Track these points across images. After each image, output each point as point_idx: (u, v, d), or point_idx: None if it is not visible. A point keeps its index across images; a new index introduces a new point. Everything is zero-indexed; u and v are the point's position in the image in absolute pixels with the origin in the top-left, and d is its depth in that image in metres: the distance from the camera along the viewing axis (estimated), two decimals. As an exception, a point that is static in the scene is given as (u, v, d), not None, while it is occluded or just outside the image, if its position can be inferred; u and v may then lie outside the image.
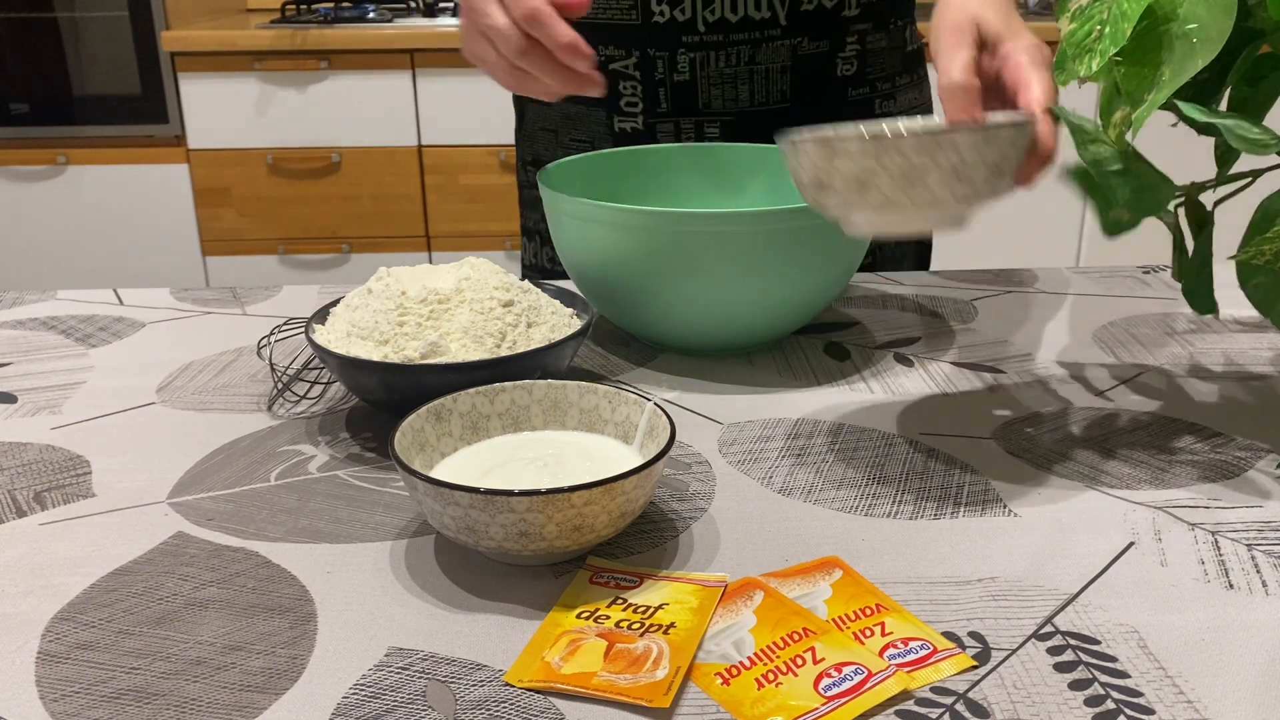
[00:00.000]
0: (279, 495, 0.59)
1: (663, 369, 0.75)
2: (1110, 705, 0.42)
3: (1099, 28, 0.56)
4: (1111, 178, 0.58)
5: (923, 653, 0.45)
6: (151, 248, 2.78)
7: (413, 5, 2.90)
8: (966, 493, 0.58)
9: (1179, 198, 0.61)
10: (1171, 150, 1.86)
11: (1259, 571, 0.51)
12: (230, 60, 2.61)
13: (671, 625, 0.46)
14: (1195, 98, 0.62)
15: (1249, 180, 0.62)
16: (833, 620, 0.47)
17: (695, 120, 0.95)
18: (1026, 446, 0.63)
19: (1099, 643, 0.46)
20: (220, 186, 2.73)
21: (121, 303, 0.90)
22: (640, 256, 0.69)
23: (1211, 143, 0.62)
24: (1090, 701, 0.42)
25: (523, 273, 1.10)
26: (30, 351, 0.79)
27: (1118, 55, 0.57)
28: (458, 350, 0.62)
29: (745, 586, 0.50)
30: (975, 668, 0.44)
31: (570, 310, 0.70)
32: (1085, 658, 0.45)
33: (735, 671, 0.44)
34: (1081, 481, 0.59)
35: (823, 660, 0.44)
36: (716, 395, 0.71)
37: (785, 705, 0.42)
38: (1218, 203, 0.66)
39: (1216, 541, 0.53)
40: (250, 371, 0.75)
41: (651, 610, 0.48)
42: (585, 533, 0.49)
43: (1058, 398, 0.70)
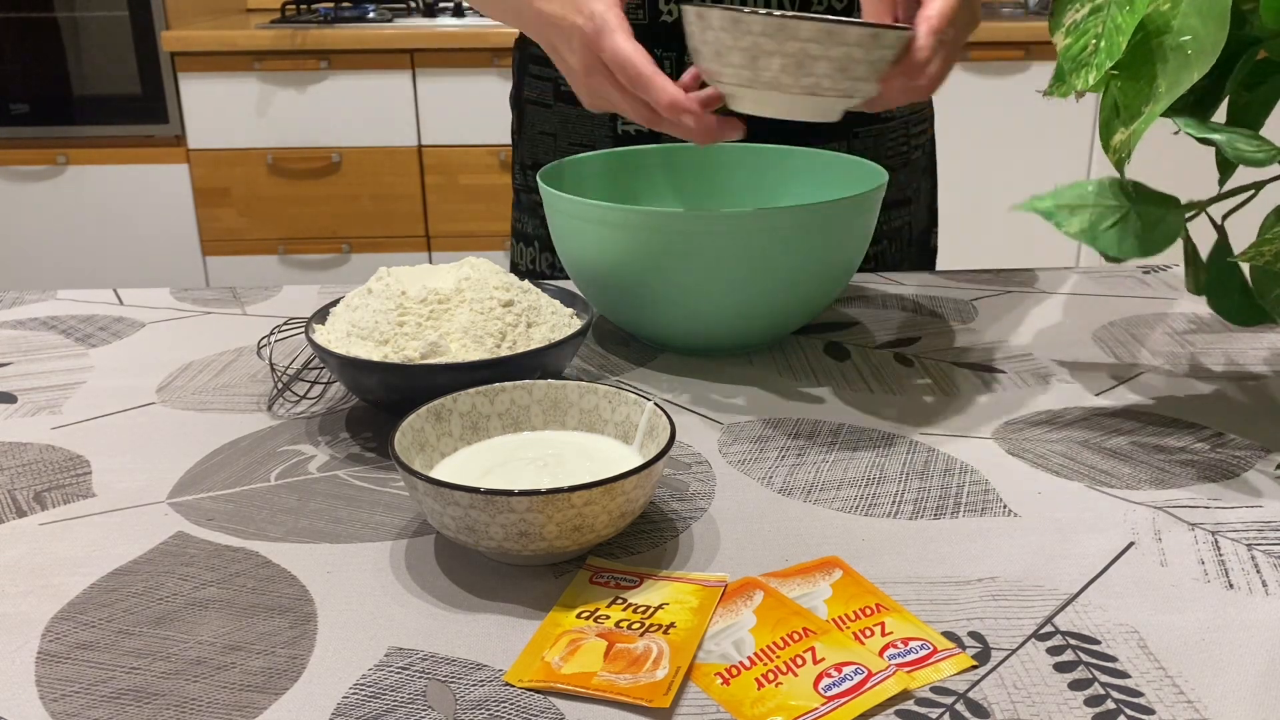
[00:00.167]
0: (279, 495, 0.59)
1: (663, 369, 0.75)
2: (1110, 705, 0.42)
3: (1094, 42, 0.57)
4: (1110, 235, 0.58)
5: (923, 653, 0.45)
6: (151, 248, 2.78)
7: (413, 5, 2.90)
8: (966, 493, 0.58)
9: (1190, 216, 0.61)
10: (1181, 155, 1.86)
11: (1259, 571, 0.51)
12: (230, 60, 2.61)
13: (671, 625, 0.46)
14: (1194, 105, 0.62)
15: (1252, 193, 0.62)
16: (833, 620, 0.47)
17: None
18: (1026, 446, 0.63)
19: (1099, 643, 0.46)
20: (220, 186, 2.73)
21: (121, 303, 0.90)
22: (640, 256, 0.69)
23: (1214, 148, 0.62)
24: (1090, 701, 0.42)
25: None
26: (30, 351, 0.79)
27: (1114, 69, 0.57)
28: (458, 350, 0.62)
29: (745, 586, 0.50)
30: (975, 668, 0.44)
31: (570, 310, 0.70)
32: (1085, 658, 0.45)
33: (735, 671, 0.44)
34: (1081, 481, 0.59)
35: (823, 660, 0.44)
36: (716, 395, 0.71)
37: (785, 705, 0.42)
38: (1225, 216, 0.66)
39: (1216, 541, 0.53)
40: (250, 371, 0.75)
41: (651, 610, 0.48)
42: (585, 533, 0.49)
43: (1058, 398, 0.70)
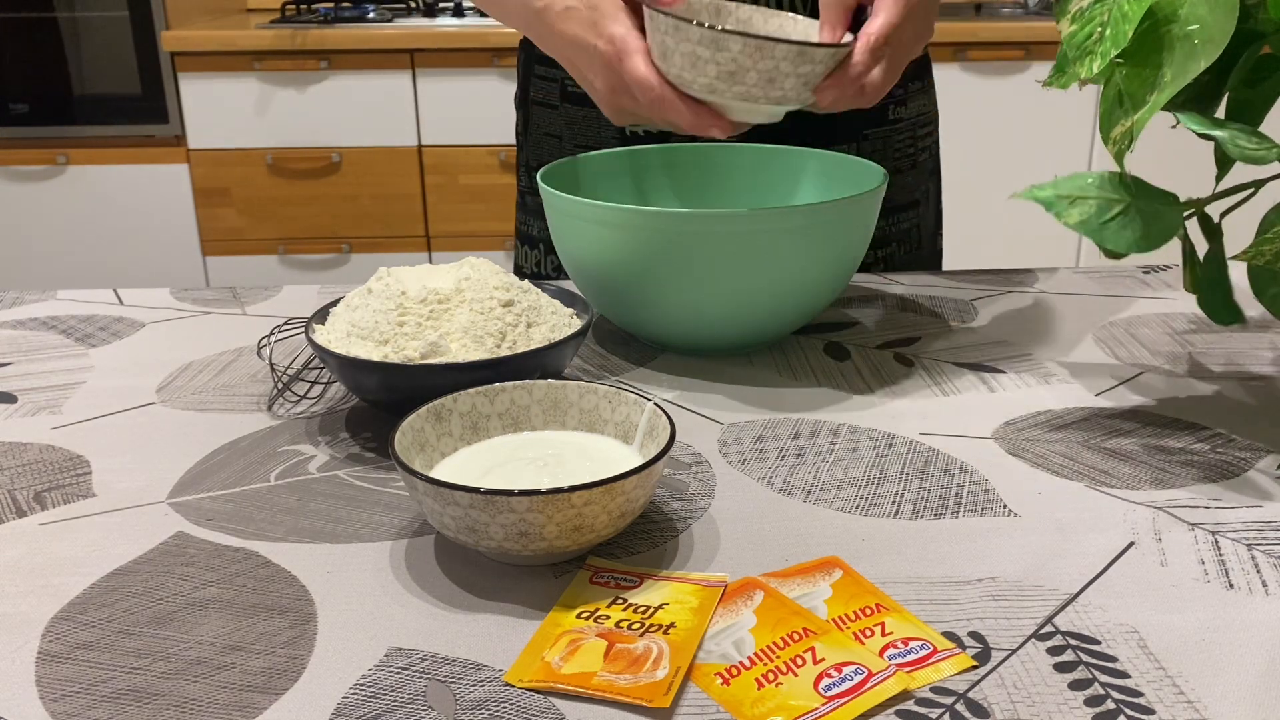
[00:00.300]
0: (279, 495, 0.59)
1: (663, 369, 0.75)
2: (1110, 705, 0.42)
3: (1100, 29, 0.56)
4: (1111, 228, 0.58)
5: (923, 653, 0.45)
6: (151, 248, 2.78)
7: (413, 5, 2.90)
8: (966, 493, 0.58)
9: (1188, 214, 0.61)
10: (1179, 150, 1.86)
11: (1259, 571, 0.51)
12: (230, 60, 2.62)
13: (671, 625, 0.46)
14: (1196, 100, 0.62)
15: (1252, 191, 0.62)
16: (833, 620, 0.47)
17: None
18: (1026, 446, 0.63)
19: (1099, 643, 0.46)
20: (220, 186, 2.73)
21: (121, 303, 0.90)
22: (640, 256, 0.69)
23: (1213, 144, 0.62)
24: (1090, 701, 0.42)
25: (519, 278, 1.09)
26: (30, 351, 0.79)
27: (1119, 57, 0.57)
28: (458, 350, 0.62)
29: (745, 586, 0.50)
30: (975, 668, 0.44)
31: (570, 310, 0.70)
32: (1085, 658, 0.45)
33: (735, 671, 0.44)
34: (1081, 481, 0.59)
35: (823, 660, 0.44)
36: (716, 395, 0.71)
37: (785, 705, 0.42)
38: (1224, 213, 0.66)
39: (1216, 541, 0.53)
40: (250, 371, 0.75)
41: (651, 610, 0.48)
42: (585, 533, 0.49)
43: (1058, 398, 0.70)
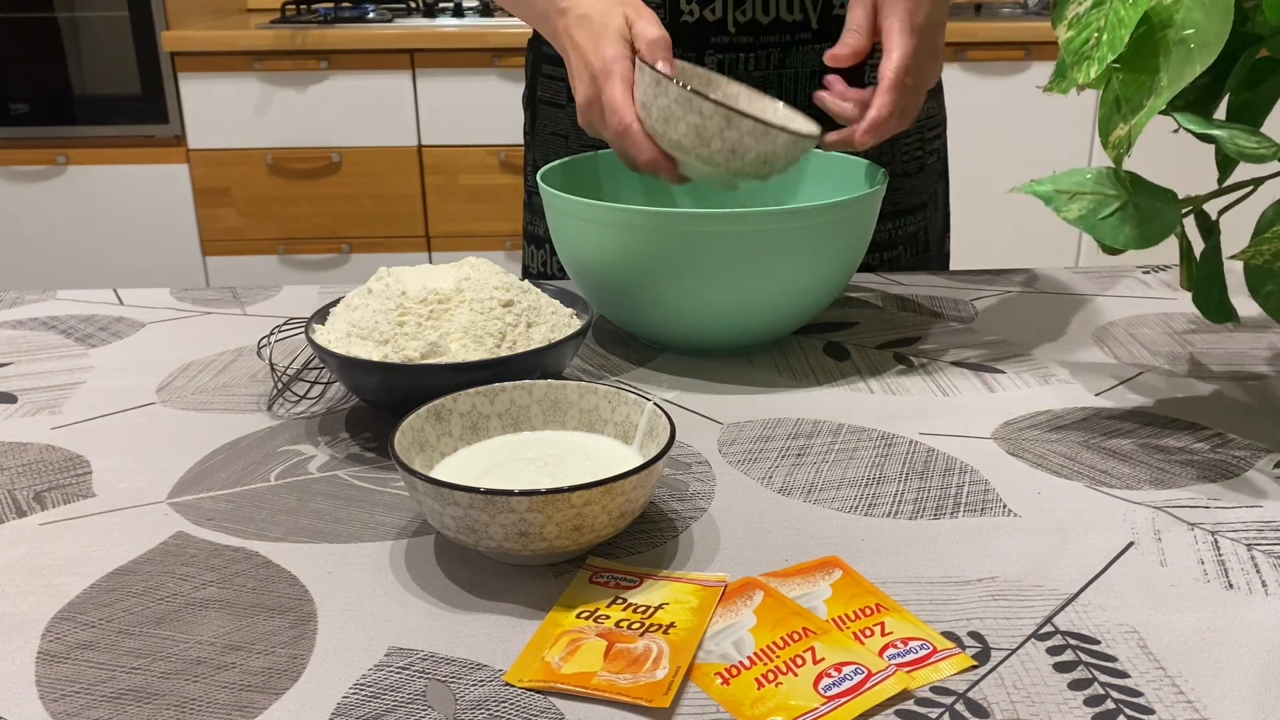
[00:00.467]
0: (279, 495, 0.59)
1: (663, 369, 0.75)
2: (1110, 705, 0.42)
3: (1096, 35, 0.56)
4: (1109, 223, 0.58)
5: (922, 653, 0.45)
6: (151, 248, 2.78)
7: (413, 5, 2.90)
8: (966, 493, 0.58)
9: (1186, 211, 0.61)
10: (1180, 150, 1.86)
11: (1259, 571, 0.51)
12: (230, 60, 2.61)
13: (671, 625, 0.46)
14: (1195, 103, 0.62)
15: (1251, 189, 0.62)
16: (833, 620, 0.47)
17: None
18: (1026, 446, 0.63)
19: (1099, 643, 0.46)
20: (220, 186, 2.73)
21: (121, 303, 0.90)
22: (640, 256, 0.69)
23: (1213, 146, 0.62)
24: (1090, 701, 0.42)
25: (524, 279, 1.09)
26: (30, 351, 0.79)
27: (1116, 62, 0.57)
28: (458, 350, 0.62)
29: (745, 586, 0.50)
30: (975, 668, 0.44)
31: (570, 310, 0.70)
32: (1085, 658, 0.45)
33: (735, 671, 0.44)
34: (1081, 481, 0.59)
35: (823, 660, 0.44)
36: (716, 395, 0.71)
37: (785, 705, 0.42)
38: (1222, 211, 0.66)
39: (1216, 541, 0.53)
40: (250, 371, 0.75)
41: (651, 610, 0.48)
42: (585, 533, 0.49)
43: (1058, 398, 0.70)
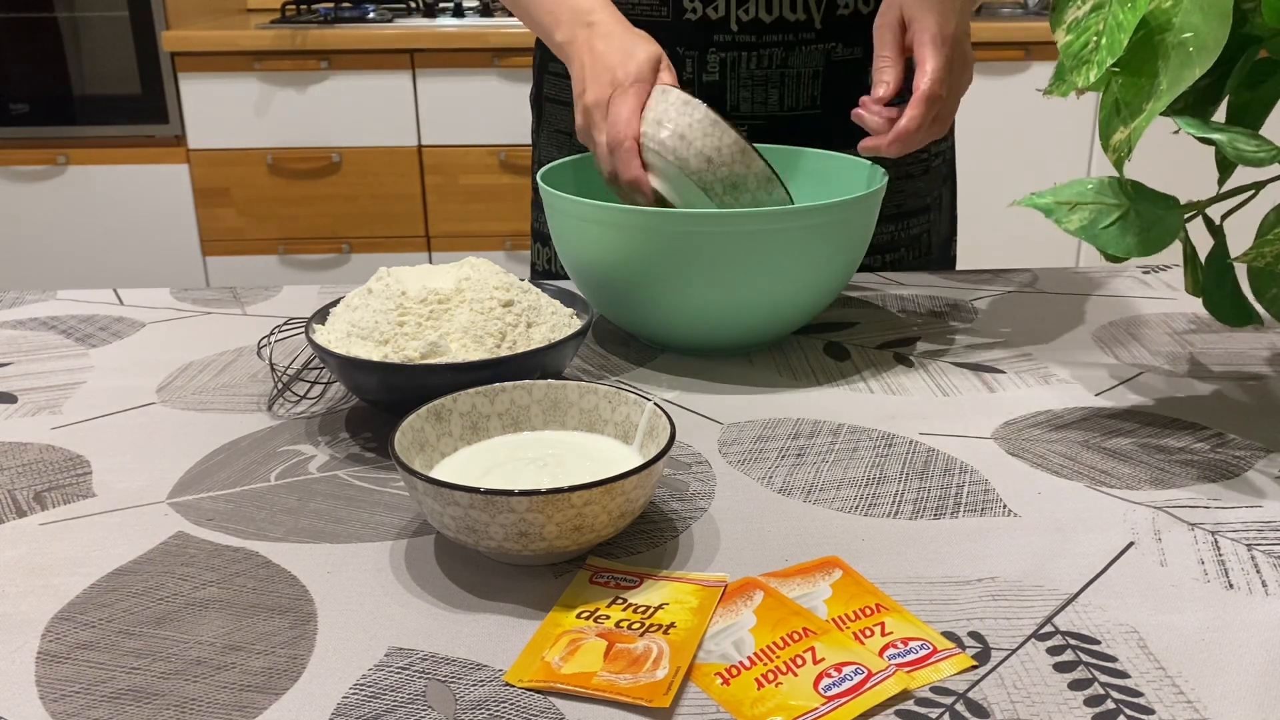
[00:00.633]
0: (279, 495, 0.59)
1: (663, 369, 0.75)
2: (1110, 705, 0.42)
3: (1095, 39, 0.56)
4: (1110, 233, 0.58)
5: (922, 653, 0.45)
6: (151, 248, 2.78)
7: (413, 5, 2.90)
8: (966, 493, 0.58)
9: (1188, 217, 0.61)
10: (1182, 153, 1.86)
11: (1259, 571, 0.51)
12: (230, 60, 2.61)
13: (671, 625, 0.46)
14: (1195, 105, 0.62)
15: (1252, 193, 0.62)
16: (833, 620, 0.47)
17: None
18: (1026, 446, 0.63)
19: (1099, 643, 0.46)
20: (220, 186, 2.73)
21: (121, 303, 0.90)
22: (640, 256, 0.69)
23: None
24: (1090, 701, 0.42)
25: (532, 276, 1.09)
26: (30, 351, 0.79)
27: (1115, 66, 0.57)
28: (458, 350, 0.62)
29: (745, 586, 0.50)
30: (975, 668, 0.44)
31: (570, 310, 0.70)
32: (1085, 658, 0.45)
33: (735, 671, 0.44)
34: (1081, 481, 0.59)
35: (823, 660, 0.44)
36: (716, 395, 0.71)
37: (785, 705, 0.42)
38: (1224, 216, 0.66)
39: (1216, 541, 0.53)
40: (250, 371, 0.75)
41: (651, 610, 0.48)
42: (585, 533, 0.49)
43: (1058, 398, 0.70)
